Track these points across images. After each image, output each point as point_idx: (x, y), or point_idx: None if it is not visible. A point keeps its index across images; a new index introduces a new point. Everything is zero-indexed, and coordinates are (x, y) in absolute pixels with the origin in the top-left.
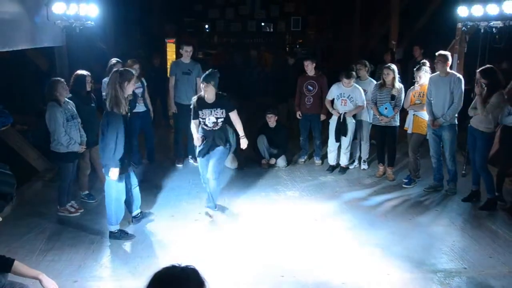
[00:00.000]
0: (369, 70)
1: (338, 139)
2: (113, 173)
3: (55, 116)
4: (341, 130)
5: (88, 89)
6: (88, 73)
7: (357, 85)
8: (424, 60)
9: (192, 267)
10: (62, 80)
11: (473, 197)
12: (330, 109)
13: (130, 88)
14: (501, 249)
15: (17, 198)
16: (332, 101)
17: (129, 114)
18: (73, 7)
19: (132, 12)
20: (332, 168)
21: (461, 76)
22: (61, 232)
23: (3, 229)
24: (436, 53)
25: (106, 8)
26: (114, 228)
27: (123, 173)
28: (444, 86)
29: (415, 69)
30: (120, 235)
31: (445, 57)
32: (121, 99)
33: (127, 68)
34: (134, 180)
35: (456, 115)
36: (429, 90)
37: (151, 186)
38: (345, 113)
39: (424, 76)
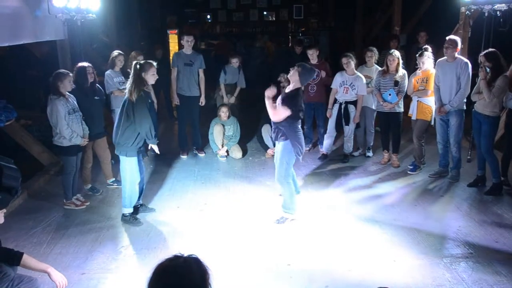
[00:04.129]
0: (376, 57)
1: (338, 128)
2: (155, 148)
3: (57, 109)
4: (343, 118)
5: (91, 80)
6: (89, 64)
7: (360, 74)
8: (426, 46)
9: (194, 256)
10: (70, 74)
11: (479, 182)
12: (331, 100)
13: (150, 78)
14: (507, 234)
15: (23, 192)
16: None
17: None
18: (74, 0)
19: (133, 4)
20: (324, 156)
21: (468, 61)
22: (68, 225)
23: (10, 224)
24: (447, 38)
25: (107, 1)
26: (127, 210)
27: (137, 156)
28: (451, 72)
29: (417, 55)
30: (130, 219)
31: (455, 42)
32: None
33: (147, 61)
34: (142, 170)
35: (465, 100)
36: (437, 75)
37: (156, 178)
38: (346, 102)
39: (427, 61)
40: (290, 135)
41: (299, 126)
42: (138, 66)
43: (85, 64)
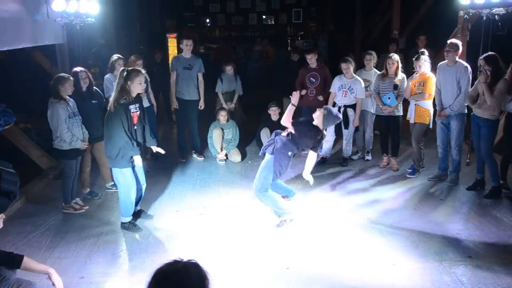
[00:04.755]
0: (375, 61)
1: (337, 132)
2: (137, 160)
3: (57, 112)
4: (342, 122)
5: (85, 84)
6: (82, 69)
7: (358, 78)
8: (423, 49)
9: (194, 261)
10: (71, 78)
11: (478, 185)
12: (330, 104)
13: (136, 87)
14: (506, 237)
15: (21, 196)
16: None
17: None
18: (73, 4)
19: (132, 8)
20: (323, 160)
21: (467, 65)
22: (67, 229)
23: (9, 228)
24: (448, 41)
25: (106, 5)
26: (124, 219)
27: (129, 167)
28: (451, 76)
29: (414, 58)
30: (129, 226)
31: (456, 46)
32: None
33: (135, 68)
34: (142, 178)
35: (466, 104)
36: (438, 79)
37: (155, 182)
38: (345, 105)
39: (424, 65)
40: (278, 154)
41: (291, 154)
42: (124, 74)
43: (77, 69)
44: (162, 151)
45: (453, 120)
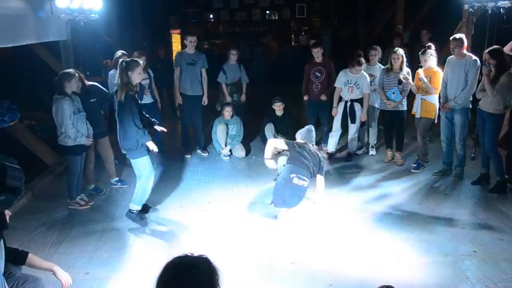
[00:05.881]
0: (379, 56)
1: (343, 126)
2: (150, 145)
3: (62, 108)
4: (349, 117)
5: (78, 86)
6: (73, 71)
7: (364, 73)
8: (429, 44)
9: (204, 256)
10: (77, 75)
11: (483, 180)
12: (336, 99)
13: (136, 77)
14: None
15: (27, 192)
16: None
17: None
18: (76, 1)
19: (136, 4)
20: (329, 155)
21: (477, 58)
22: (72, 225)
23: (15, 224)
24: (451, 38)
25: (109, 1)
26: (134, 207)
27: (148, 155)
28: (460, 68)
29: (420, 53)
30: (136, 216)
31: (461, 41)
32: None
33: (133, 58)
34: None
35: (471, 98)
36: (445, 72)
37: (160, 177)
38: (351, 100)
39: (430, 59)
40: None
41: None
42: (124, 64)
43: (68, 70)
44: (153, 148)
45: (457, 114)
